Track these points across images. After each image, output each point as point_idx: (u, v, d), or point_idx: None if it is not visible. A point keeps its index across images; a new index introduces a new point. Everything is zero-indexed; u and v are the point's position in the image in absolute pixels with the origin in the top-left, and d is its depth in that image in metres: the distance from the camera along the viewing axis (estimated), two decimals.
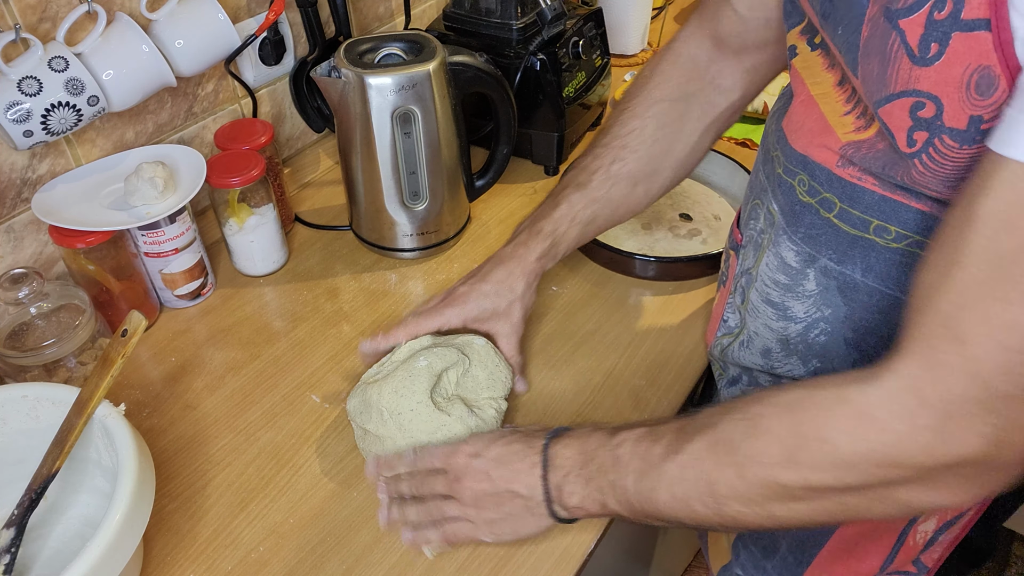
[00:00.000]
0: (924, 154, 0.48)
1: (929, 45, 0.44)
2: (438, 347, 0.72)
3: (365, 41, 0.87)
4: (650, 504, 0.55)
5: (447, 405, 0.69)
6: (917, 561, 0.73)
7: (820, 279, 0.61)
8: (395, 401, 0.68)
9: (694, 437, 0.53)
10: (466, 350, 0.73)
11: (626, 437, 0.57)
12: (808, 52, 0.59)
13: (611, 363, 0.82)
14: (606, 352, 0.83)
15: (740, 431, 0.51)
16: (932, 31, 0.44)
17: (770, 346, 0.68)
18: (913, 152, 0.48)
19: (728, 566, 0.84)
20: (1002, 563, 1.66)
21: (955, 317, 0.42)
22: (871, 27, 0.48)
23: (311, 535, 0.67)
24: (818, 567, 0.74)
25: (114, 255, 0.82)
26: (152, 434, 0.75)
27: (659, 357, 0.83)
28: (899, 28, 0.46)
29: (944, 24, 0.43)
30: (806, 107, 0.59)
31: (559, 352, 0.83)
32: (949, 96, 0.44)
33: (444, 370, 0.70)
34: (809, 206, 0.60)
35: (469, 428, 0.68)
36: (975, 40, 0.42)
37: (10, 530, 0.61)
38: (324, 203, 1.05)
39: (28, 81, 0.72)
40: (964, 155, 0.46)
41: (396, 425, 0.68)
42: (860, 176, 0.55)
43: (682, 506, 0.54)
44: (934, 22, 0.44)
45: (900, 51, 0.46)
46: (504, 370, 0.74)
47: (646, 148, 0.76)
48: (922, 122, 0.46)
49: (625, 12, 1.28)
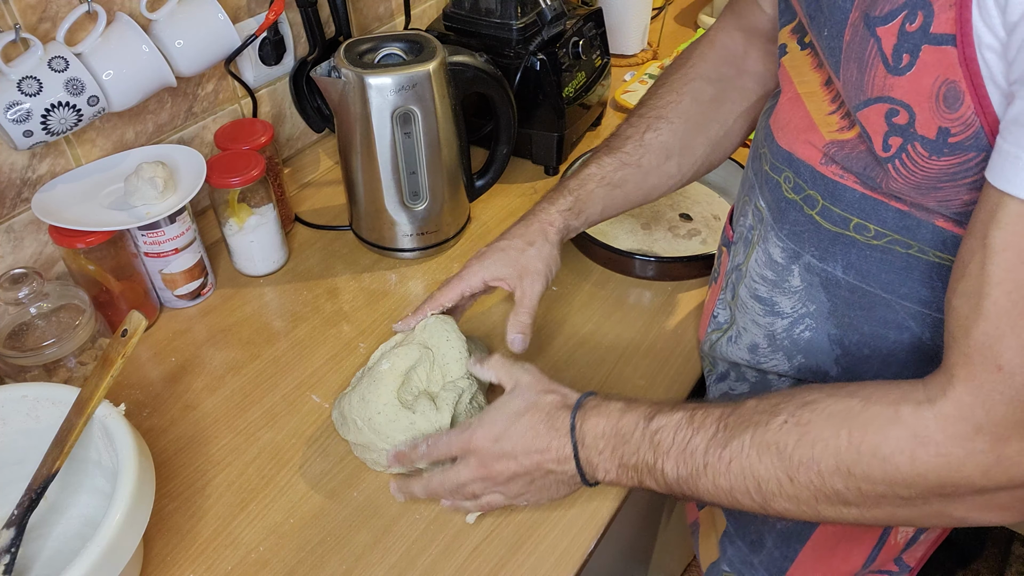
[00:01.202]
0: (898, 159, 0.49)
1: (901, 55, 0.45)
2: (401, 346, 0.71)
3: (365, 41, 0.87)
4: (690, 489, 0.55)
5: (413, 403, 0.69)
6: (899, 560, 0.73)
7: (804, 275, 0.61)
8: (363, 408, 0.69)
9: (740, 434, 0.53)
10: (429, 342, 0.71)
11: (664, 423, 0.56)
12: (797, 51, 0.60)
13: (611, 363, 0.82)
14: (606, 352, 0.83)
15: (791, 437, 0.51)
16: (904, 42, 0.45)
17: (757, 342, 0.69)
18: (888, 156, 0.49)
19: (716, 563, 0.84)
20: (1001, 562, 1.66)
21: (992, 348, 0.43)
22: (852, 32, 0.49)
23: (311, 535, 0.67)
24: (803, 563, 0.75)
25: (114, 255, 0.82)
26: (152, 434, 0.75)
27: (659, 357, 0.83)
28: (876, 35, 0.46)
29: (915, 36, 0.44)
30: (793, 104, 0.60)
31: (559, 352, 0.83)
32: (920, 105, 0.45)
33: (410, 368, 0.70)
34: (794, 203, 0.60)
35: (432, 423, 0.67)
36: (942, 54, 0.43)
37: (10, 530, 0.61)
38: (324, 203, 1.05)
39: (28, 81, 0.73)
40: (934, 165, 0.47)
41: (371, 431, 0.68)
42: (842, 174, 0.56)
43: (725, 495, 0.54)
44: (906, 33, 0.44)
45: (876, 58, 0.47)
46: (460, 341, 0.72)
47: (681, 121, 0.76)
48: (897, 128, 0.47)
49: (625, 12, 1.28)
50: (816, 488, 0.50)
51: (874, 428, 0.48)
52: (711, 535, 0.86)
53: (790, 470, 0.51)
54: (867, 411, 0.49)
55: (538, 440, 0.60)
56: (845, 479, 0.49)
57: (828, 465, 0.49)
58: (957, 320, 0.45)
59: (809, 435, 0.50)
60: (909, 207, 0.52)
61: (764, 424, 0.52)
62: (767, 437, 0.52)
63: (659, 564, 1.27)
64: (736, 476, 0.53)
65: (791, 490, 0.51)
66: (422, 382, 0.71)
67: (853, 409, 0.49)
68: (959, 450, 0.45)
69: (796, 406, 0.52)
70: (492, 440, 0.61)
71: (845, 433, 0.49)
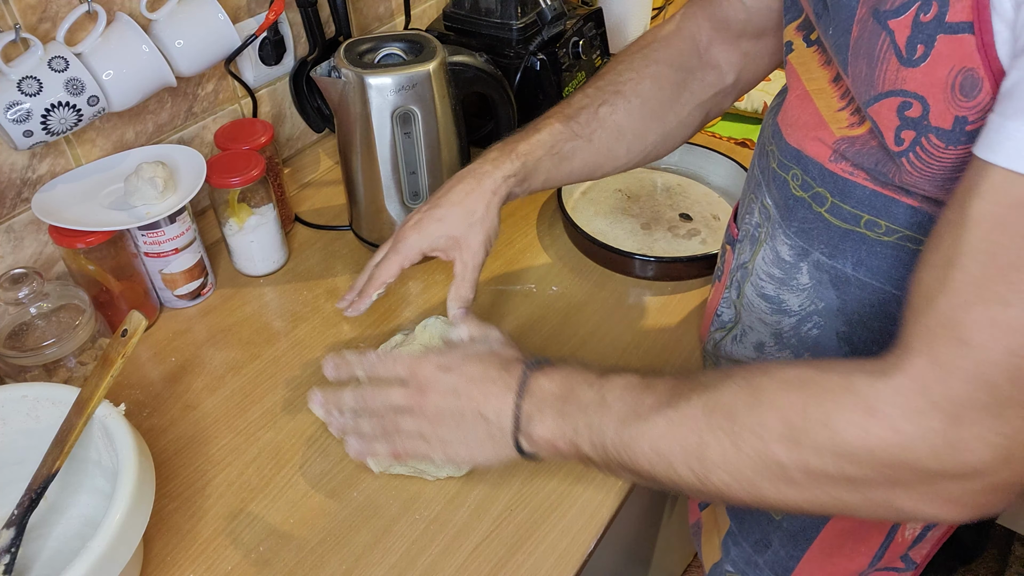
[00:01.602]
0: (912, 153, 0.48)
1: (915, 47, 0.45)
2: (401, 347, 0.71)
3: (365, 41, 0.87)
4: (627, 454, 0.53)
5: None
6: (905, 557, 0.73)
7: (813, 273, 0.61)
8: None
9: (691, 396, 0.51)
10: (430, 343, 0.71)
11: (616, 381, 0.55)
12: (804, 48, 0.59)
13: (611, 363, 0.81)
14: (606, 352, 0.83)
15: (742, 399, 0.49)
16: (918, 33, 0.44)
17: (763, 340, 0.68)
18: (901, 151, 0.49)
19: (719, 563, 0.84)
20: (1001, 562, 1.66)
21: (956, 319, 0.42)
22: (860, 28, 0.49)
23: (311, 535, 0.67)
24: (810, 562, 0.74)
25: (114, 255, 0.82)
26: (152, 434, 0.75)
27: (659, 357, 0.83)
28: (889, 29, 0.46)
29: (929, 26, 0.44)
30: (801, 102, 0.60)
31: (559, 352, 0.83)
32: (935, 97, 0.45)
33: None
34: (802, 200, 0.60)
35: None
36: (959, 43, 0.42)
37: (10, 530, 0.61)
38: (324, 203, 1.05)
39: (28, 81, 0.73)
40: (950, 155, 0.46)
41: None
42: (852, 171, 0.55)
43: (663, 464, 0.51)
44: (920, 24, 0.44)
45: (889, 51, 0.46)
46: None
47: (638, 102, 0.73)
48: (909, 121, 0.47)
49: (625, 12, 1.28)
50: (759, 459, 0.48)
51: (827, 396, 0.46)
52: (713, 535, 0.86)
53: (736, 435, 0.48)
54: (821, 379, 0.47)
55: (485, 381, 0.59)
56: (791, 449, 0.47)
57: (776, 432, 0.47)
58: (922, 291, 0.44)
59: (762, 399, 0.48)
60: (921, 202, 0.52)
61: (716, 387, 0.50)
62: (718, 399, 0.50)
63: (660, 564, 1.27)
64: (679, 440, 0.50)
65: (734, 459, 0.49)
66: None
67: (807, 376, 0.48)
68: (911, 426, 0.43)
69: (751, 372, 0.50)
70: (440, 368, 0.60)
71: (797, 398, 0.47)
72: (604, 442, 0.54)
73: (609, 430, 0.53)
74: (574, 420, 0.55)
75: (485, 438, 0.59)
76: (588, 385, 0.56)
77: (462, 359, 0.61)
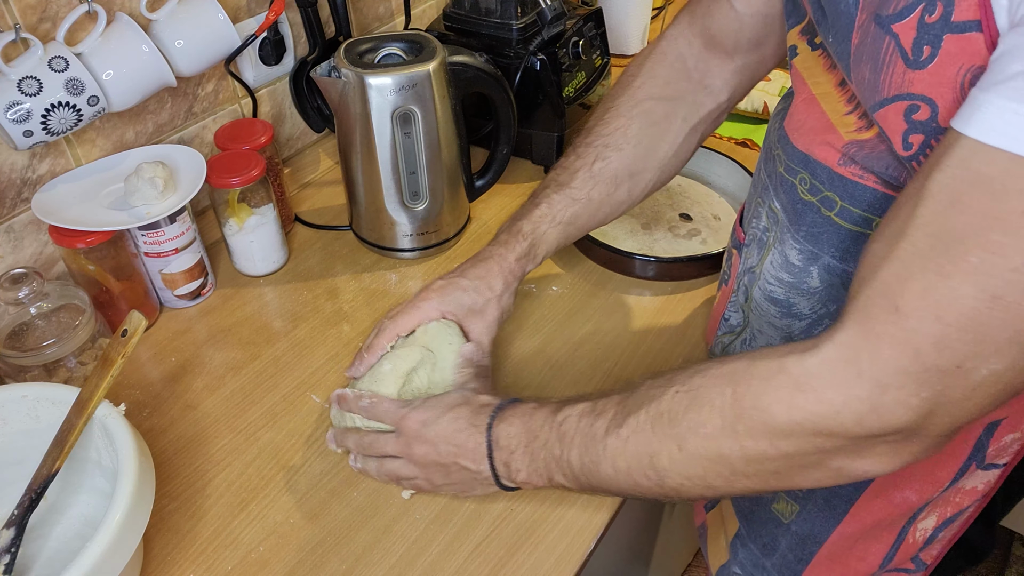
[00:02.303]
0: (921, 156, 0.48)
1: (922, 48, 0.44)
2: (402, 348, 0.71)
3: (365, 41, 0.87)
4: (595, 477, 0.57)
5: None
6: (916, 558, 0.73)
7: (824, 276, 0.61)
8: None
9: (636, 411, 0.54)
10: (431, 344, 0.71)
11: (569, 413, 0.59)
12: (808, 52, 0.59)
13: (611, 363, 0.82)
14: (606, 352, 0.83)
15: (682, 404, 0.52)
16: (924, 34, 0.44)
17: (773, 344, 0.68)
18: (910, 155, 0.48)
19: (726, 565, 0.84)
20: (1002, 563, 1.66)
21: (895, 288, 0.42)
22: (861, 34, 0.48)
23: (311, 535, 0.67)
24: (818, 565, 0.74)
25: (114, 255, 0.82)
26: (152, 434, 0.75)
27: (659, 357, 0.83)
28: (892, 32, 0.46)
29: (935, 27, 0.43)
30: (808, 106, 0.59)
31: (559, 352, 0.83)
32: (943, 97, 0.45)
33: (411, 370, 0.70)
34: (811, 204, 0.60)
35: None
36: (967, 41, 0.42)
37: (10, 530, 0.61)
38: (324, 203, 1.05)
39: (28, 81, 0.73)
40: None
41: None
42: (861, 174, 0.55)
43: (625, 479, 0.55)
44: (925, 25, 0.44)
45: (894, 55, 0.46)
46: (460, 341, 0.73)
47: (630, 147, 0.75)
48: (917, 125, 0.47)
49: (625, 12, 1.28)
50: (704, 456, 0.50)
51: (757, 381, 0.48)
52: (720, 537, 0.86)
53: (680, 438, 0.51)
54: (753, 367, 0.49)
55: (458, 435, 0.62)
56: (730, 440, 0.49)
57: (714, 426, 0.50)
58: (869, 262, 0.45)
59: (699, 399, 0.51)
60: None
61: (658, 397, 0.53)
62: (660, 408, 0.53)
63: (660, 564, 1.27)
64: (632, 455, 0.54)
65: (682, 461, 0.51)
66: (423, 384, 0.71)
67: (740, 367, 0.50)
68: (837, 395, 0.45)
69: (688, 375, 0.53)
70: (420, 423, 0.64)
71: (730, 391, 0.49)
72: (573, 471, 0.58)
73: (574, 460, 0.58)
74: (544, 459, 0.59)
75: (472, 482, 0.64)
76: (544, 422, 0.60)
77: (439, 412, 0.64)
